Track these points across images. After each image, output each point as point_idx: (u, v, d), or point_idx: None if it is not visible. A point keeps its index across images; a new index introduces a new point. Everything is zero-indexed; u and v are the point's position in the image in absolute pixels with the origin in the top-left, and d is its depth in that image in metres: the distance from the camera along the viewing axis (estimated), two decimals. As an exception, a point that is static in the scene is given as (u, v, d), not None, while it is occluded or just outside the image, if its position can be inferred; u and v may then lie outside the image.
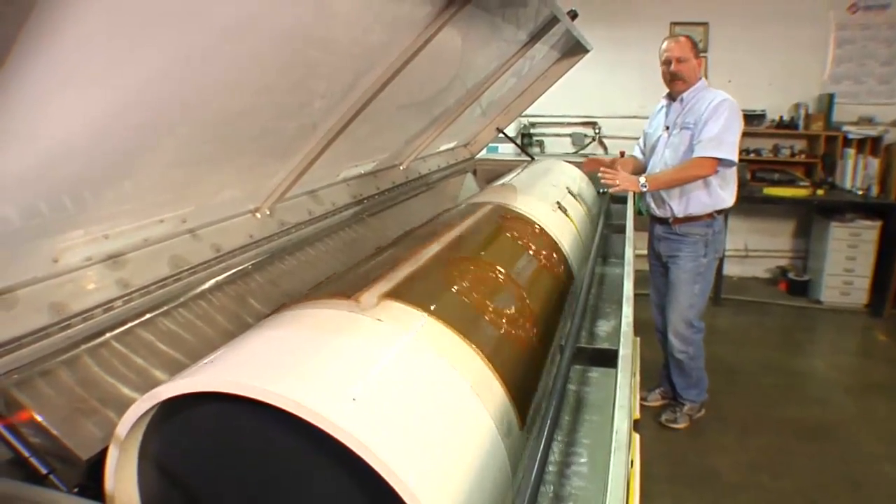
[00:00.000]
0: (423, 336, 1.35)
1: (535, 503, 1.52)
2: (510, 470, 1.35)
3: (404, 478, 0.98)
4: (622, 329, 1.75)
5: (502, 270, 1.90)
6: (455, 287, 1.65)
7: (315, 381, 1.09)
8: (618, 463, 1.16)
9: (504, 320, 1.65)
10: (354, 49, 1.85)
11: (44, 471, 1.19)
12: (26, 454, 1.19)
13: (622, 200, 4.04)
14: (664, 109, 4.05)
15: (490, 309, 1.64)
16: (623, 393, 1.41)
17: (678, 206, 3.89)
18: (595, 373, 2.30)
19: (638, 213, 4.40)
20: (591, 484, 1.72)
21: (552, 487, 1.69)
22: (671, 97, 3.97)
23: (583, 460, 1.81)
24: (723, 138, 3.62)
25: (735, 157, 3.69)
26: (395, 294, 1.48)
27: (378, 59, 1.97)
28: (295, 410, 1.00)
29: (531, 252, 2.23)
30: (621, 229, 3.54)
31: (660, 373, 4.54)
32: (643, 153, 4.32)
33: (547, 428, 1.43)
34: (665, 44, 3.86)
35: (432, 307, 1.46)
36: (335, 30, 1.67)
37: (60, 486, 1.20)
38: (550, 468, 1.74)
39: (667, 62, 3.83)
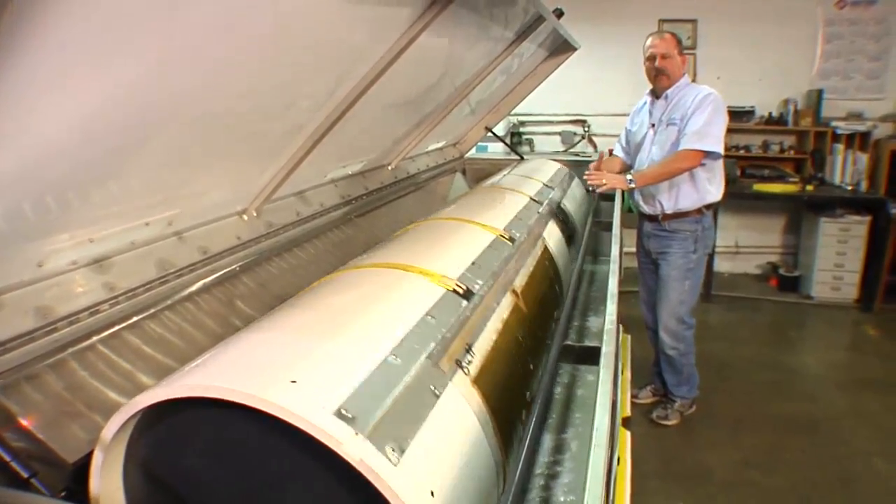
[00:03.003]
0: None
1: (523, 501, 1.53)
2: (496, 467, 1.36)
3: (389, 480, 0.98)
4: (605, 327, 1.75)
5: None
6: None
7: (299, 385, 1.09)
8: (597, 460, 1.16)
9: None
10: (339, 49, 1.85)
11: (25, 475, 1.19)
12: (7, 458, 1.18)
13: (611, 198, 4.05)
14: (647, 106, 4.06)
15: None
16: (604, 390, 1.40)
17: (667, 201, 3.89)
18: (589, 371, 2.30)
19: (628, 210, 4.40)
20: (580, 481, 1.72)
21: (540, 489, 1.69)
22: (655, 94, 3.98)
23: (570, 462, 1.80)
24: (707, 131, 3.63)
25: (720, 150, 3.69)
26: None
27: (363, 59, 1.97)
28: (279, 414, 1.00)
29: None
30: (610, 227, 3.54)
31: (650, 370, 4.55)
32: (626, 151, 4.32)
33: (533, 425, 1.43)
34: (649, 40, 3.86)
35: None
36: (319, 29, 1.67)
37: (42, 490, 1.20)
38: (539, 469, 1.74)
39: (651, 58, 3.83)
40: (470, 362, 1.42)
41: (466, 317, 1.55)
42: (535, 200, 2.95)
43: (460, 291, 1.63)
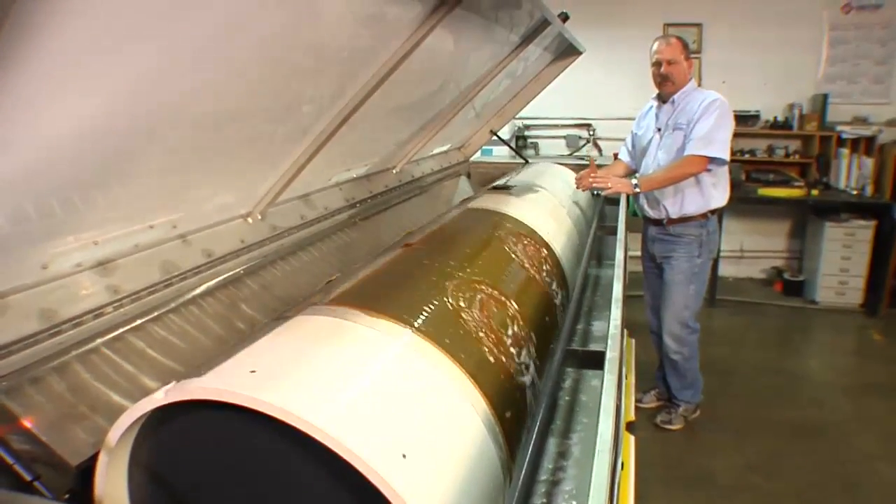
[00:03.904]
0: (412, 346, 1.35)
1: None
2: (501, 473, 1.35)
3: (393, 483, 0.98)
4: (609, 332, 1.74)
5: (492, 277, 1.90)
6: (443, 296, 1.64)
7: (304, 388, 1.09)
8: (601, 466, 1.15)
9: (495, 324, 1.65)
10: (343, 52, 1.85)
11: (28, 477, 1.19)
12: (10, 461, 1.18)
13: (616, 202, 4.05)
14: (653, 111, 4.05)
15: (479, 316, 1.63)
16: (608, 395, 1.40)
17: (672, 206, 3.89)
18: (594, 376, 2.29)
19: (633, 214, 4.40)
20: (584, 487, 1.71)
21: (545, 495, 1.68)
22: (661, 98, 3.97)
23: (573, 469, 1.79)
24: (713, 136, 3.62)
25: (726, 156, 3.68)
26: (384, 307, 1.47)
27: (367, 63, 1.97)
28: (283, 417, 1.00)
29: (522, 256, 2.23)
30: (615, 231, 3.54)
31: (655, 374, 4.54)
32: (631, 155, 4.31)
33: (537, 430, 1.43)
34: (655, 45, 3.85)
35: (418, 320, 1.46)
36: (324, 33, 1.67)
37: (45, 493, 1.20)
38: (544, 476, 1.74)
39: (657, 64, 3.82)
40: (327, 293, 1.52)
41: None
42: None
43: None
